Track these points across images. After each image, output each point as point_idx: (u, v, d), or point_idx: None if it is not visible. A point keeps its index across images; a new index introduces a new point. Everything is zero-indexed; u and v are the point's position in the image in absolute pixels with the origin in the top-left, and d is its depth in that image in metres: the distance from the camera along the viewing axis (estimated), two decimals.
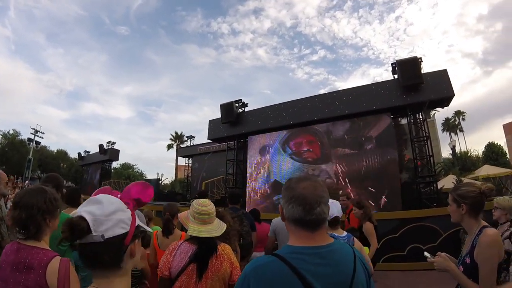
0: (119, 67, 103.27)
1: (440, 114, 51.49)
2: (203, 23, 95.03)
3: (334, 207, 2.33)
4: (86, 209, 0.86)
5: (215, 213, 2.04)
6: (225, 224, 2.04)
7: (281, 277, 0.93)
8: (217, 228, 1.95)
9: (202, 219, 1.93)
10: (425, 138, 10.66)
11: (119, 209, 0.90)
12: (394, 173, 10.24)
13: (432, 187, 10.24)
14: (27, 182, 17.76)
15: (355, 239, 2.37)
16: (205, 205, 1.99)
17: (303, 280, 0.92)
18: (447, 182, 14.07)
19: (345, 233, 2.37)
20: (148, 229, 1.03)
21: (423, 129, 10.83)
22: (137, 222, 0.95)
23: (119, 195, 0.97)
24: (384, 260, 6.60)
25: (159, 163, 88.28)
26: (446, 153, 38.67)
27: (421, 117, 10.95)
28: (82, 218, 0.83)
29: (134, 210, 0.96)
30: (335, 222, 2.35)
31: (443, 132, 46.65)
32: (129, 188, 0.99)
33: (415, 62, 10.36)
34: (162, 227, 3.05)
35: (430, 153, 10.44)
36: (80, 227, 0.81)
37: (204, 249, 1.84)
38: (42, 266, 1.41)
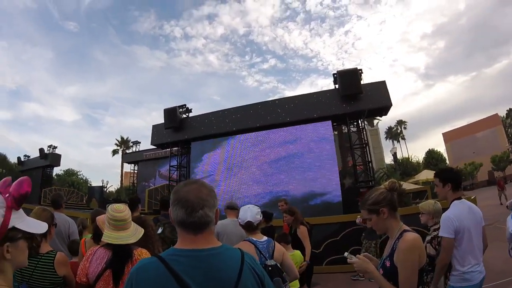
0: (64, 66, 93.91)
1: (384, 123, 56.04)
2: (156, 25, 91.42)
3: (248, 212, 2.35)
4: None
5: (130, 219, 1.99)
6: (142, 230, 2.01)
7: (158, 278, 0.94)
8: (132, 234, 1.92)
9: (117, 225, 1.89)
10: (363, 145, 11.30)
11: None
12: (336, 178, 10.60)
13: None
14: None
15: (276, 244, 2.36)
16: (120, 210, 1.94)
17: (179, 281, 0.92)
18: None
19: (265, 238, 2.35)
20: (38, 231, 1.05)
21: (362, 136, 11.48)
22: (13, 224, 0.93)
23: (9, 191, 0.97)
24: (327, 263, 6.73)
25: (106, 170, 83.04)
26: (389, 159, 41.69)
27: (360, 125, 11.62)
28: None
29: (13, 209, 0.96)
30: (249, 227, 2.36)
31: (386, 140, 50.78)
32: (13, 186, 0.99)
33: (355, 73, 11.01)
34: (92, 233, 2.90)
35: (369, 159, 11.07)
36: None
37: (119, 255, 1.83)
38: None
